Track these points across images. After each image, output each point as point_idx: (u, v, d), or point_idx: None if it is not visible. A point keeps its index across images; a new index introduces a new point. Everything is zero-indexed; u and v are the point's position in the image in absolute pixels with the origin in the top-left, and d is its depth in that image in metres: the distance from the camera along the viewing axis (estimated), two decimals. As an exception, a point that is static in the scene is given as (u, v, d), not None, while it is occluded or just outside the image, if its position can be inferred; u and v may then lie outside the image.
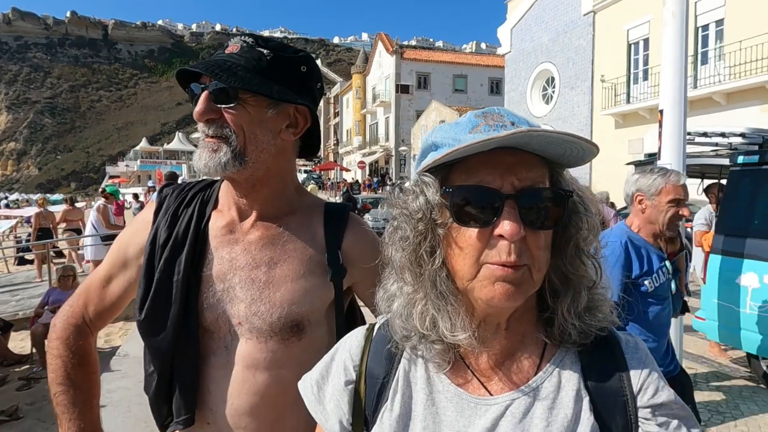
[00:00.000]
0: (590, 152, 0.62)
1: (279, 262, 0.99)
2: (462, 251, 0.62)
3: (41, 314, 5.76)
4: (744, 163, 4.69)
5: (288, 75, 0.99)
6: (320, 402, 0.74)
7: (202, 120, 0.96)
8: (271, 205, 1.03)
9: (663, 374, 0.68)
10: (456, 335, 0.63)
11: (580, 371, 0.66)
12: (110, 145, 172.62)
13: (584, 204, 0.66)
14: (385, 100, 40.36)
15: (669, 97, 4.05)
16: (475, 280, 0.61)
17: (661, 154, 4.16)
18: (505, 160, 0.60)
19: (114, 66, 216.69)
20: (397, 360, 0.70)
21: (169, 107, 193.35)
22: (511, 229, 0.58)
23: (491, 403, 0.65)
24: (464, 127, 0.64)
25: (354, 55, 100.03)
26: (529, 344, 0.68)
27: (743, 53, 13.13)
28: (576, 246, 0.65)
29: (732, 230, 4.68)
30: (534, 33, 21.63)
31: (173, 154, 72.65)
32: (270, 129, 0.98)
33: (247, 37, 0.99)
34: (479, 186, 0.60)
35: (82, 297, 1.10)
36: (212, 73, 0.93)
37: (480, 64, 40.64)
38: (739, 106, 13.42)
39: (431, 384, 0.68)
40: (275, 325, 0.97)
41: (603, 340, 0.67)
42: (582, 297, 0.65)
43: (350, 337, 0.78)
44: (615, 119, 17.51)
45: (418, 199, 0.64)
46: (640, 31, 16.59)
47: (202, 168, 0.96)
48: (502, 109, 0.66)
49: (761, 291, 4.28)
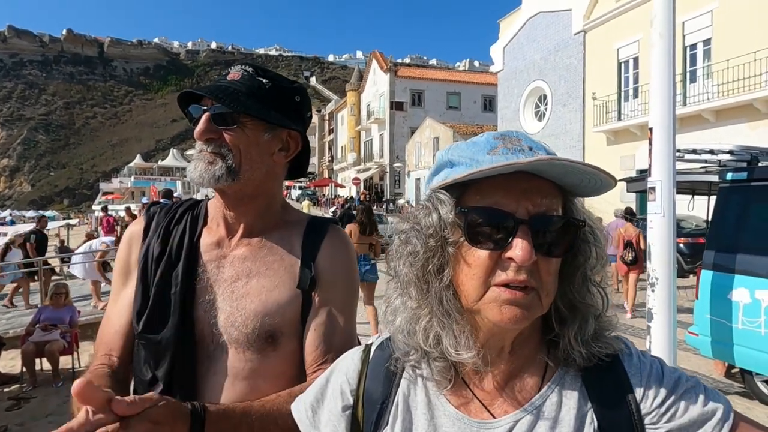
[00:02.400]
0: (608, 184, 0.63)
1: (256, 275, 1.04)
2: (470, 271, 0.62)
3: (32, 332, 5.70)
4: (733, 180, 4.77)
5: (284, 103, 1.07)
6: (315, 426, 0.74)
7: (202, 139, 1.02)
8: (257, 220, 1.08)
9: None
10: (460, 354, 0.63)
11: (582, 387, 0.66)
12: (104, 161, 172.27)
13: (594, 234, 0.67)
14: (379, 117, 40.65)
15: (658, 115, 4.12)
16: (481, 301, 0.61)
17: (651, 171, 4.23)
18: (521, 184, 0.61)
19: (109, 83, 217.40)
20: (396, 383, 0.70)
21: (164, 124, 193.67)
22: (522, 254, 0.58)
23: (494, 427, 0.64)
24: (482, 148, 0.65)
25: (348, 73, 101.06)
26: (531, 366, 0.68)
27: (731, 72, 13.39)
28: (584, 274, 0.66)
29: (722, 246, 4.73)
30: (526, 51, 21.97)
31: (167, 171, 72.67)
32: (264, 151, 1.05)
33: (247, 67, 1.07)
34: (494, 209, 0.61)
35: (100, 351, 1.07)
36: (217, 98, 1.00)
37: (473, 82, 41.10)
38: (728, 123, 13.64)
39: (432, 408, 0.67)
40: (251, 336, 1.00)
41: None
42: (590, 325, 0.66)
43: (346, 359, 0.77)
44: (606, 136, 17.72)
45: (431, 216, 0.64)
46: (630, 50, 16.90)
47: (196, 178, 1.01)
48: (519, 132, 0.67)
49: (752, 306, 4.31)
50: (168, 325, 1.01)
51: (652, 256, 4.08)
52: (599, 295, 0.67)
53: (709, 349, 4.73)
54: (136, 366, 1.06)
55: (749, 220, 4.67)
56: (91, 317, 7.32)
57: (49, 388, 5.43)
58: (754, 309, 4.30)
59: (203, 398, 1.00)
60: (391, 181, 39.73)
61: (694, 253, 10.32)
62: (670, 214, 4.13)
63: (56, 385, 5.49)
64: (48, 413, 4.80)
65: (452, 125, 31.42)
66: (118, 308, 1.10)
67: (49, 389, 5.42)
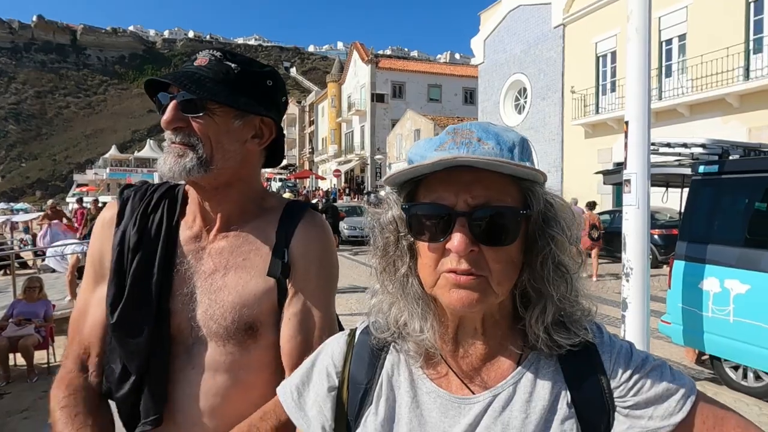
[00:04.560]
0: (528, 173, 0.64)
1: (233, 267, 1.02)
2: (422, 261, 0.67)
3: (5, 327, 5.57)
4: (705, 173, 4.90)
5: (254, 88, 1.03)
6: (301, 408, 0.76)
7: (170, 128, 0.99)
8: (235, 210, 1.06)
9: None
10: (423, 335, 0.68)
11: (556, 365, 0.69)
12: (78, 152, 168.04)
13: (556, 218, 0.67)
14: (360, 108, 40.48)
15: (634, 109, 4.20)
16: (435, 287, 0.66)
17: (627, 163, 4.32)
18: (462, 178, 0.64)
19: (83, 72, 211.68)
20: (380, 364, 0.73)
21: (140, 114, 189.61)
22: (458, 244, 0.62)
23: (474, 402, 0.68)
24: (434, 144, 0.69)
25: (329, 64, 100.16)
26: (507, 348, 0.71)
27: (704, 67, 13.69)
28: (543, 261, 0.67)
29: (694, 237, 4.87)
30: (506, 44, 22.09)
31: (144, 162, 71.20)
32: (236, 139, 1.02)
33: (215, 51, 1.02)
34: (433, 204, 0.65)
35: (75, 347, 1.06)
36: (181, 84, 0.96)
37: (454, 74, 41.18)
38: (702, 117, 13.96)
39: (415, 387, 0.71)
40: (230, 328, 0.99)
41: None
42: (548, 310, 0.67)
43: (331, 343, 0.80)
44: (585, 129, 17.97)
45: (388, 213, 0.70)
46: (608, 44, 17.13)
47: (166, 172, 0.98)
48: (476, 124, 0.69)
49: (722, 295, 4.46)
50: (143, 318, 0.99)
51: (627, 247, 4.18)
52: (563, 280, 0.68)
53: (681, 337, 4.88)
54: (108, 357, 1.04)
55: (720, 212, 4.81)
56: (66, 311, 7.17)
57: (23, 384, 5.33)
58: (723, 298, 4.44)
59: (177, 392, 1.00)
60: (372, 173, 39.68)
61: (667, 244, 10.59)
62: (645, 206, 4.23)
63: (31, 380, 5.39)
64: (23, 408, 4.71)
65: (433, 117, 31.47)
66: (96, 299, 1.06)
67: (24, 385, 5.31)
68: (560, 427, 0.66)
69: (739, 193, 4.75)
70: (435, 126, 29.95)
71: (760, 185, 4.54)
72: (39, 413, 4.47)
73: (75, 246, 8.33)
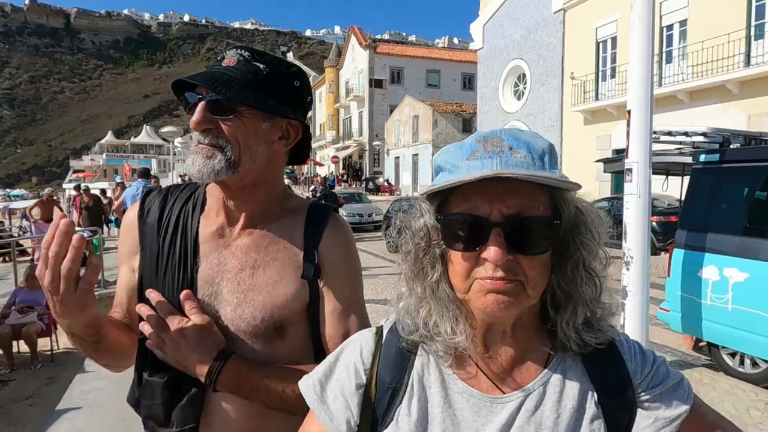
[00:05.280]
0: (567, 186, 0.66)
1: (262, 266, 1.03)
2: (454, 268, 0.68)
3: (8, 315, 5.59)
4: (706, 162, 4.91)
5: (282, 89, 1.02)
6: (323, 401, 0.77)
7: (198, 129, 0.98)
8: (258, 209, 1.06)
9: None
10: (455, 338, 0.69)
11: (582, 367, 0.72)
12: (74, 138, 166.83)
13: (586, 224, 0.69)
14: (358, 94, 40.22)
15: (636, 98, 4.19)
16: (469, 293, 0.67)
17: (628, 152, 4.32)
18: (495, 187, 0.65)
19: (77, 56, 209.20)
20: (409, 365, 0.74)
21: (136, 100, 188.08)
22: (494, 254, 0.63)
23: (506, 401, 0.70)
24: (465, 152, 0.69)
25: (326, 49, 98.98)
26: (534, 350, 0.73)
27: (705, 53, 13.61)
28: (575, 265, 0.69)
29: (694, 225, 4.89)
30: (506, 29, 21.90)
31: (141, 148, 70.86)
32: (264, 140, 1.02)
33: (243, 51, 1.01)
34: (468, 214, 0.66)
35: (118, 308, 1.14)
36: (211, 86, 0.95)
37: (453, 60, 40.88)
38: (701, 104, 13.92)
39: (446, 387, 0.72)
40: (259, 327, 1.00)
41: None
42: (579, 312, 0.69)
43: (359, 340, 0.80)
44: (584, 116, 17.92)
45: (419, 220, 0.71)
46: (608, 29, 17.00)
47: (195, 173, 0.98)
48: (506, 131, 0.70)
49: (721, 283, 4.50)
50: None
51: (627, 236, 4.20)
52: (592, 284, 0.70)
53: (679, 325, 4.93)
54: (139, 365, 1.06)
55: (720, 201, 4.83)
56: (68, 299, 7.20)
57: (27, 371, 5.36)
58: (722, 286, 4.49)
59: (207, 392, 1.01)
60: (370, 159, 39.58)
61: (666, 231, 10.63)
62: (646, 195, 4.25)
63: (35, 367, 5.42)
64: (28, 395, 4.75)
65: (431, 103, 31.30)
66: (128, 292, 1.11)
67: (28, 372, 5.35)
68: (589, 427, 0.68)
69: (739, 182, 4.77)
70: (434, 112, 29.80)
71: (760, 174, 4.55)
72: (43, 400, 4.51)
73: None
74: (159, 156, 59.74)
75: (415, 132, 31.91)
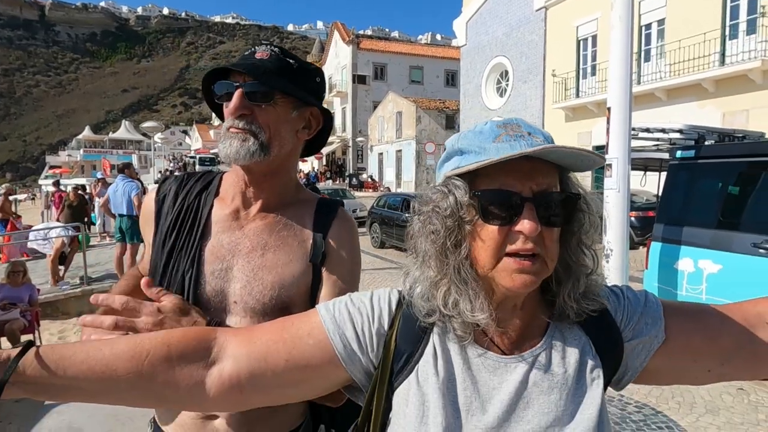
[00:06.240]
0: (597, 162, 0.74)
1: (272, 248, 1.10)
2: (484, 244, 0.73)
3: (-10, 312, 5.52)
4: (682, 158, 5.07)
5: (308, 83, 1.13)
6: (338, 325, 0.80)
7: (236, 115, 1.05)
8: (274, 196, 1.14)
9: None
10: (475, 315, 0.74)
11: (578, 327, 0.81)
12: (50, 133, 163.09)
13: (587, 203, 0.78)
14: (341, 90, 40.14)
15: (616, 96, 4.33)
16: (495, 269, 0.72)
17: (608, 149, 4.46)
18: (523, 167, 0.71)
19: (52, 49, 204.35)
20: (427, 336, 0.80)
21: (114, 94, 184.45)
22: (530, 226, 0.69)
23: (518, 361, 0.78)
24: (488, 136, 0.75)
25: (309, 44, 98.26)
26: (537, 319, 0.81)
27: (682, 52, 13.93)
28: (579, 239, 0.78)
29: (670, 219, 5.06)
30: (489, 27, 22.07)
31: (120, 144, 69.43)
32: (292, 128, 1.11)
33: (273, 47, 1.11)
34: (503, 190, 0.71)
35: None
36: (254, 75, 1.03)
37: (436, 56, 41.01)
38: (679, 102, 14.26)
39: (464, 353, 0.79)
40: (267, 305, 1.06)
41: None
42: (581, 283, 0.78)
43: (384, 293, 0.84)
44: (565, 113, 18.20)
45: (448, 199, 0.74)
46: (589, 27, 17.27)
47: (232, 154, 1.04)
48: (519, 119, 0.78)
49: (695, 275, 4.68)
50: (175, 286, 1.07)
51: (607, 230, 4.35)
52: (591, 256, 0.80)
53: (656, 315, 5.10)
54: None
55: (695, 196, 5.00)
56: (50, 295, 7.14)
57: (11, 368, 5.31)
58: (697, 277, 4.66)
59: None
60: (353, 155, 39.55)
61: (644, 225, 10.89)
62: (625, 190, 4.40)
63: (18, 364, 5.38)
64: (13, 393, 4.71)
65: (415, 100, 31.40)
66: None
67: (11, 369, 5.30)
68: (590, 375, 0.78)
69: (713, 177, 4.94)
70: (417, 108, 29.90)
71: (733, 170, 4.73)
72: (25, 399, 4.47)
73: (60, 230, 8.19)
74: (139, 151, 58.65)
75: (398, 128, 31.99)
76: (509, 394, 0.76)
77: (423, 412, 0.75)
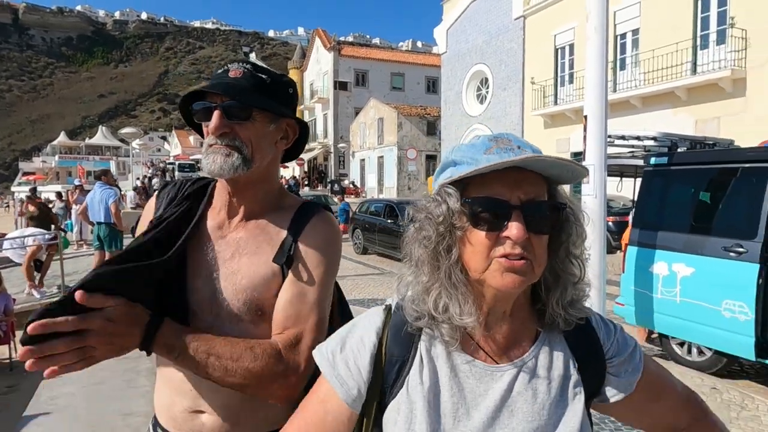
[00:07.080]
0: (581, 174, 0.78)
1: (247, 253, 1.14)
2: (474, 249, 0.76)
3: (-37, 323, 5.38)
4: (656, 164, 5.23)
5: (281, 96, 1.17)
6: (335, 368, 0.84)
7: (217, 134, 1.10)
8: (257, 203, 1.18)
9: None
10: (464, 319, 0.77)
11: (563, 341, 0.85)
12: (23, 138, 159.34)
13: (575, 214, 0.82)
14: (323, 96, 40.13)
15: (592, 104, 4.45)
16: (486, 272, 0.76)
17: (585, 155, 4.58)
18: (512, 177, 0.75)
19: (26, 54, 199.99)
20: (415, 342, 0.83)
21: (90, 99, 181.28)
22: (517, 232, 0.73)
23: (504, 370, 0.81)
24: (480, 149, 0.79)
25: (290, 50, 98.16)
26: (526, 328, 0.84)
27: (656, 60, 14.33)
28: (566, 249, 0.81)
29: (646, 224, 5.21)
30: (469, 35, 22.36)
31: (97, 150, 68.08)
32: (271, 141, 1.17)
33: (245, 64, 1.15)
34: (492, 198, 0.75)
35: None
36: (230, 95, 1.08)
37: (417, 63, 41.31)
38: (654, 109, 14.65)
39: (451, 360, 0.81)
40: (242, 309, 1.10)
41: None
42: (568, 291, 0.82)
43: (369, 316, 0.88)
44: (544, 119, 18.52)
45: (441, 207, 0.78)
46: (566, 36, 17.64)
47: (216, 170, 1.09)
48: (510, 134, 0.82)
49: (670, 278, 4.82)
50: (169, 293, 1.10)
51: (585, 234, 4.45)
52: (578, 266, 0.83)
53: (634, 318, 5.23)
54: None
55: (669, 201, 5.16)
56: (26, 305, 6.97)
57: (-15, 380, 5.18)
58: (671, 280, 4.80)
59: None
60: (335, 161, 39.53)
61: (621, 230, 11.11)
62: (602, 195, 4.51)
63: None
64: (-13, 405, 4.61)
65: (396, 106, 31.54)
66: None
67: (-14, 381, 5.17)
68: (573, 391, 0.82)
69: (685, 183, 5.10)
70: (398, 115, 30.05)
71: (704, 176, 4.89)
72: (6, 408, 4.38)
73: (38, 236, 8.01)
74: (117, 158, 57.69)
75: (380, 134, 32.09)
76: (495, 401, 0.79)
77: (411, 419, 0.78)
